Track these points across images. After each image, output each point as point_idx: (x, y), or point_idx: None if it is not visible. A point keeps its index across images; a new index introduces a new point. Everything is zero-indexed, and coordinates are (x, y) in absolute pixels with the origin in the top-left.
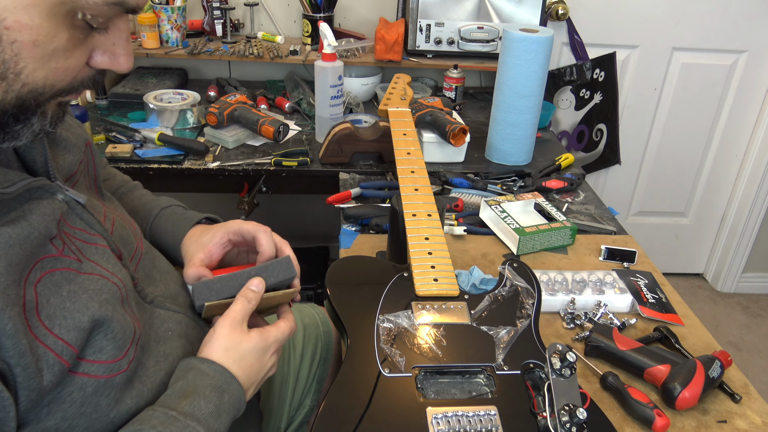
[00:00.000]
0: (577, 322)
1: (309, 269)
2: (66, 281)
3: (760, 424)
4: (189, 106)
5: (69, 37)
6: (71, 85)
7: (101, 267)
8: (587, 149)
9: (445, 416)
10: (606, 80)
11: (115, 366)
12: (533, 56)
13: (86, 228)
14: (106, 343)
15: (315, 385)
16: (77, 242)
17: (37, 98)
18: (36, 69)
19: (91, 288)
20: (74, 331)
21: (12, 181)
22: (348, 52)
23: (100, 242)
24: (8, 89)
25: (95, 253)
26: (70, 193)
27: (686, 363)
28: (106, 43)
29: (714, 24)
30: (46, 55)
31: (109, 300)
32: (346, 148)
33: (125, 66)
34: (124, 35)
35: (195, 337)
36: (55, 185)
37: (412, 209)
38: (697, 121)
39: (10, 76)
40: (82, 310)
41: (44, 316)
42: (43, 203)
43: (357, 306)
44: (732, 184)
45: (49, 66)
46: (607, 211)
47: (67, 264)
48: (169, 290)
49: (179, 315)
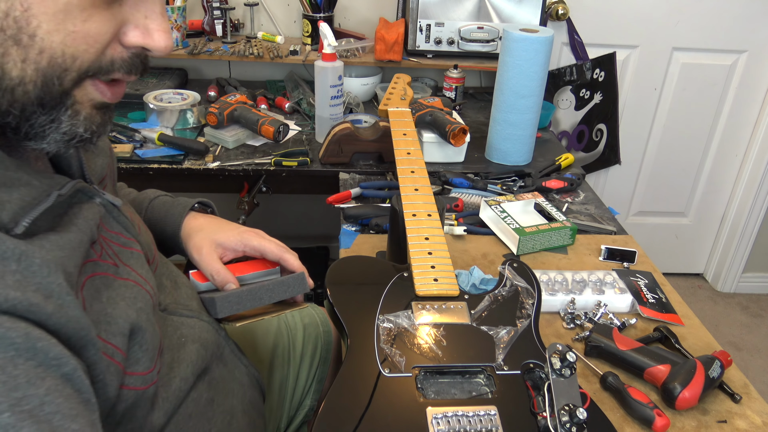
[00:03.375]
0: (577, 322)
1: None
2: (105, 287)
3: (760, 424)
4: (189, 106)
5: None
6: (99, 62)
7: (136, 272)
8: (587, 149)
9: (445, 416)
10: (606, 80)
11: (149, 377)
12: (533, 56)
13: (123, 232)
14: (142, 355)
15: (315, 385)
16: (114, 246)
17: (60, 76)
18: (51, 30)
19: (127, 295)
20: (120, 336)
21: (62, 183)
22: (348, 52)
23: (135, 247)
24: (26, 58)
25: (130, 258)
26: (107, 197)
27: (686, 363)
28: (137, 16)
29: (714, 24)
30: (59, 11)
31: (143, 309)
32: (346, 148)
33: (160, 42)
34: (157, 7)
35: (209, 340)
36: (93, 189)
37: (412, 209)
38: (697, 121)
39: (24, 38)
40: (123, 316)
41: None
42: (85, 207)
43: (357, 306)
44: (732, 184)
45: (66, 27)
46: (607, 211)
47: (105, 269)
48: (180, 296)
49: (192, 320)
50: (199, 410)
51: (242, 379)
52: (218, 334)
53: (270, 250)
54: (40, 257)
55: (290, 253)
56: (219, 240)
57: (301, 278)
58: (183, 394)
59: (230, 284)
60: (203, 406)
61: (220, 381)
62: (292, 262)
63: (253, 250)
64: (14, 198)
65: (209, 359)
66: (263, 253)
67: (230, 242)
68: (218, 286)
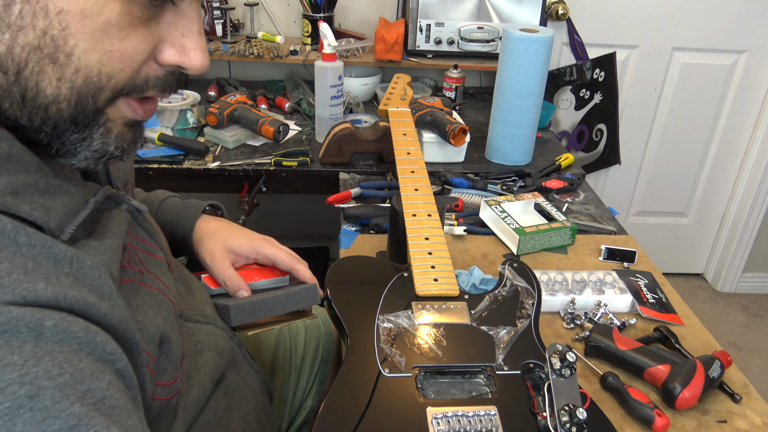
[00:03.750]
0: (577, 322)
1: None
2: (133, 293)
3: (760, 424)
4: (189, 106)
5: (122, 10)
6: (134, 81)
7: (159, 280)
8: (587, 149)
9: (445, 416)
10: (606, 80)
11: (173, 387)
12: (533, 56)
13: (147, 238)
14: (168, 364)
15: (316, 386)
16: (140, 253)
17: (95, 95)
18: (88, 49)
19: (153, 304)
20: (152, 345)
21: (94, 190)
22: (348, 52)
23: (158, 253)
24: (62, 76)
25: (154, 265)
26: (133, 203)
27: (686, 363)
28: (174, 34)
29: (714, 24)
30: (98, 30)
31: (168, 318)
32: (346, 148)
33: (197, 62)
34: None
35: (224, 348)
36: (120, 194)
37: (412, 209)
38: (697, 121)
39: (61, 57)
40: (153, 324)
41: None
42: (114, 213)
43: (357, 306)
44: (732, 184)
45: (103, 47)
46: (607, 211)
47: (132, 275)
48: (194, 302)
49: (208, 326)
50: (217, 418)
51: (254, 385)
52: (232, 341)
53: (282, 260)
54: (90, 260)
55: (302, 263)
56: (232, 246)
57: (313, 290)
58: (201, 403)
59: (242, 291)
60: (221, 414)
61: (235, 388)
62: (304, 273)
63: (265, 259)
64: (58, 205)
65: (225, 367)
66: (275, 262)
67: (243, 249)
68: (230, 293)
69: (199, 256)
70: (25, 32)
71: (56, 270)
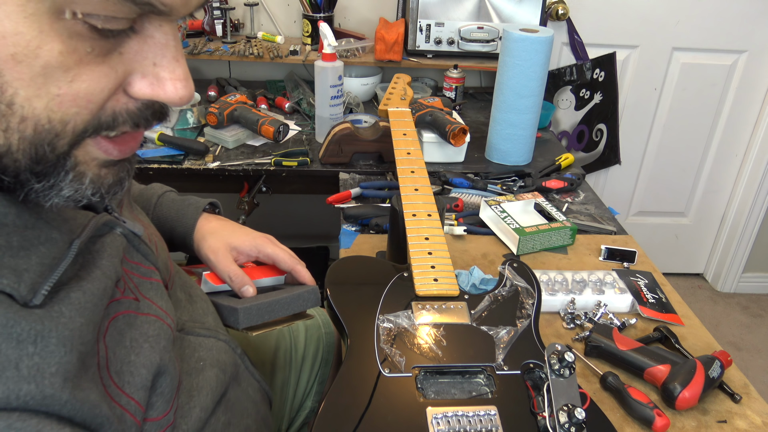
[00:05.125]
0: (577, 322)
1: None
2: (128, 326)
3: (760, 424)
4: (189, 106)
5: (65, 50)
6: (97, 120)
7: (156, 305)
8: (587, 149)
9: (445, 416)
10: (606, 80)
11: (164, 421)
12: (533, 56)
13: (143, 261)
14: (156, 399)
15: (316, 387)
16: (135, 278)
17: (51, 142)
18: (31, 96)
19: (150, 333)
20: (142, 390)
21: (82, 224)
22: (348, 52)
23: (154, 276)
24: (7, 127)
25: (150, 289)
26: (128, 225)
27: (686, 363)
28: (144, 64)
29: (714, 24)
30: (37, 75)
31: (166, 347)
32: (346, 148)
33: (175, 94)
34: (169, 51)
35: (227, 363)
36: (114, 219)
37: (412, 209)
38: (697, 121)
39: (2, 108)
40: (146, 364)
41: (113, 372)
42: (107, 242)
43: (357, 306)
44: (732, 184)
45: (48, 92)
46: (607, 211)
47: (127, 306)
48: (195, 311)
49: (210, 340)
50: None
51: (255, 396)
52: (235, 353)
53: (283, 260)
54: (56, 334)
55: (301, 264)
56: (234, 243)
57: (315, 292)
58: (202, 424)
59: (248, 287)
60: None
61: (236, 402)
62: (303, 274)
63: (267, 257)
64: (33, 264)
65: (227, 382)
66: (276, 261)
67: (245, 247)
68: (235, 289)
69: (200, 253)
70: None
71: (17, 353)
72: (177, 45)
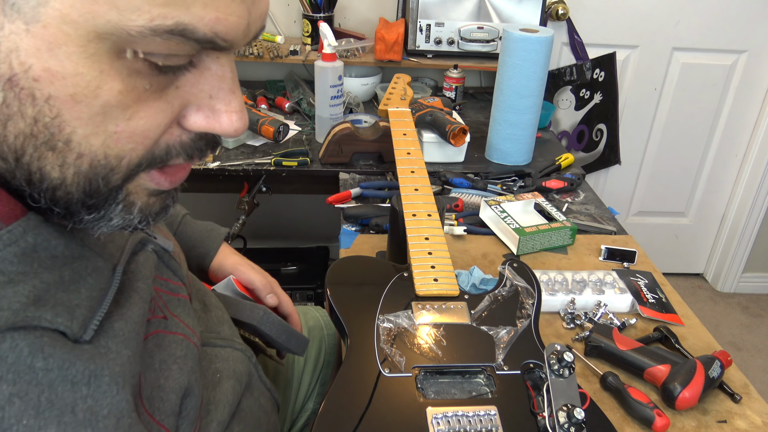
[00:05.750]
0: (577, 322)
1: (309, 269)
2: (157, 348)
3: (760, 424)
4: None
5: (124, 89)
6: (151, 155)
7: (183, 323)
8: (587, 149)
9: (445, 416)
10: (606, 80)
11: None
12: (533, 56)
13: (172, 277)
14: (181, 422)
15: (318, 388)
16: (164, 296)
17: (106, 177)
18: (89, 134)
19: (178, 354)
20: (172, 416)
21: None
22: (348, 52)
23: (181, 292)
24: (63, 162)
25: (178, 306)
26: (159, 242)
27: (686, 363)
28: (200, 97)
29: (714, 24)
30: (96, 114)
31: (194, 369)
32: (346, 148)
33: (230, 126)
34: (225, 83)
35: (243, 373)
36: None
37: (412, 209)
38: (697, 121)
39: (59, 144)
40: (175, 389)
41: (145, 399)
42: (141, 261)
43: (357, 306)
44: (732, 184)
45: (106, 129)
46: (607, 211)
47: (156, 325)
48: (211, 321)
49: (226, 350)
50: None
51: (266, 405)
52: (250, 362)
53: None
54: (108, 372)
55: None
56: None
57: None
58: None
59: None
60: None
61: (248, 413)
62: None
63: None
64: (83, 297)
65: (242, 393)
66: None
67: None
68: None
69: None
70: (14, 121)
71: (73, 396)
72: (233, 77)
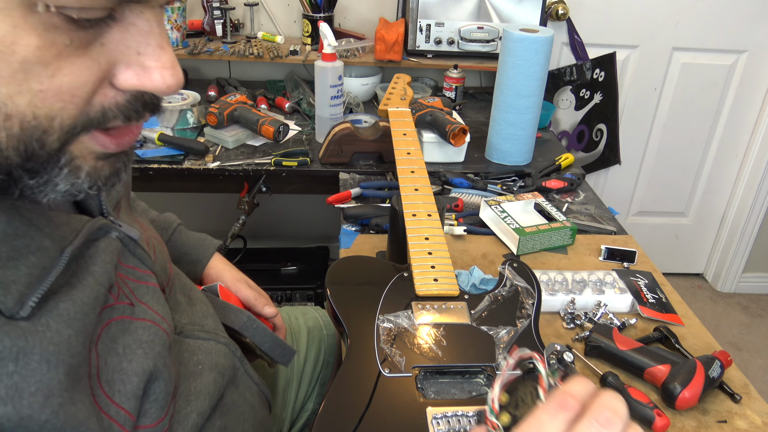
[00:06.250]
0: (577, 322)
1: (309, 269)
2: (121, 333)
3: (760, 424)
4: (189, 106)
5: (42, 44)
6: (86, 115)
7: (152, 310)
8: (587, 149)
9: (445, 416)
10: (606, 80)
11: (158, 427)
12: (533, 56)
13: (139, 265)
14: (149, 406)
15: (318, 389)
16: (130, 283)
17: (40, 139)
18: (13, 94)
19: (144, 339)
20: (133, 399)
21: (76, 229)
22: (348, 52)
23: (150, 280)
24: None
25: (146, 294)
26: (124, 229)
27: (686, 363)
28: (128, 54)
29: (714, 24)
30: (16, 72)
31: (161, 353)
32: (346, 148)
33: (162, 83)
34: (153, 39)
35: (226, 366)
36: (109, 223)
37: (412, 209)
38: (697, 121)
39: None
40: (138, 372)
41: (104, 381)
42: (101, 247)
43: (357, 306)
44: (732, 184)
45: (30, 88)
46: (607, 211)
47: (121, 311)
48: (195, 314)
49: (209, 343)
50: None
51: (253, 400)
52: (234, 356)
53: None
54: (40, 350)
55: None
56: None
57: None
58: (198, 429)
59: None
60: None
61: (232, 406)
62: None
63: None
64: (21, 274)
65: (224, 386)
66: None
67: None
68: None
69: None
70: None
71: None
72: (161, 32)
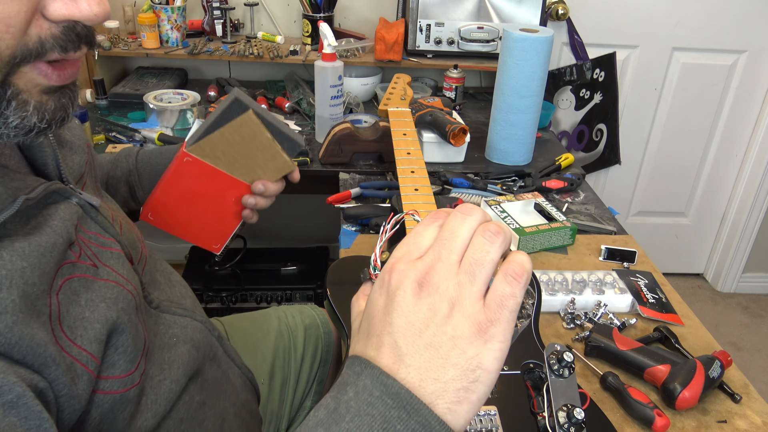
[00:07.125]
0: (577, 322)
1: (309, 269)
2: (84, 288)
3: (760, 424)
4: (189, 106)
5: None
6: (25, 46)
7: (117, 273)
8: (587, 149)
9: None
10: (606, 80)
11: (128, 380)
12: (533, 56)
13: (101, 232)
14: (118, 358)
15: (315, 387)
16: (93, 247)
17: None
18: None
19: (108, 296)
20: (95, 343)
21: (32, 186)
22: (348, 52)
23: (114, 246)
24: None
25: (110, 258)
26: (84, 197)
27: (686, 363)
28: None
29: (714, 24)
30: None
31: (125, 309)
32: (346, 148)
33: (89, 11)
34: None
35: (201, 342)
36: (69, 189)
37: (412, 209)
38: (697, 121)
39: None
40: (101, 320)
41: (66, 327)
42: (61, 208)
43: None
44: (732, 184)
45: None
46: (607, 211)
47: (84, 270)
48: (173, 293)
49: (185, 319)
50: (191, 414)
51: (235, 380)
52: (211, 335)
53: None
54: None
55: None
56: None
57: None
58: (174, 396)
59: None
60: (195, 410)
61: (213, 383)
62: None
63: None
64: None
65: (201, 360)
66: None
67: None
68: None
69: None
70: None
71: None
72: None
